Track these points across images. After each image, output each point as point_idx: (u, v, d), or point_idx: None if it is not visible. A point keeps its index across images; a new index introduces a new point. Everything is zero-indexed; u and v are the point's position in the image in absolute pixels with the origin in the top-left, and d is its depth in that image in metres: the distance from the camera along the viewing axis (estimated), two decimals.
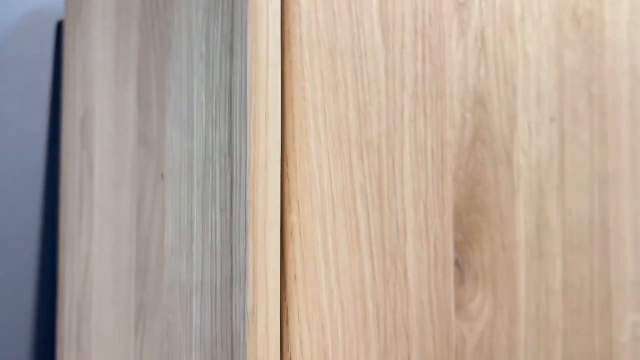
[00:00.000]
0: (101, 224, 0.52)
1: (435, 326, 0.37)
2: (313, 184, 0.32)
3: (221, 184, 0.32)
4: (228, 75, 0.32)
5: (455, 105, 0.38)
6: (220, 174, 0.32)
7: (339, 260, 0.33)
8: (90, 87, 0.57)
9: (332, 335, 0.32)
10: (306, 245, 0.31)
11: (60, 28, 0.69)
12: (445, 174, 0.38)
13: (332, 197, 0.32)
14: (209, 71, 0.34)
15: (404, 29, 0.36)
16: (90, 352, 0.54)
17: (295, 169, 0.31)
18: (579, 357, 0.46)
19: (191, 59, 0.36)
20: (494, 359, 0.40)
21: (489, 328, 0.40)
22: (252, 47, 0.31)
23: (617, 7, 0.50)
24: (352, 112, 0.33)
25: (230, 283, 0.31)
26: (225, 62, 0.32)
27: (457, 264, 0.38)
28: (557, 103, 0.45)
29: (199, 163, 0.34)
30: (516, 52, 0.42)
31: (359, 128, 0.34)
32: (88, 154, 0.57)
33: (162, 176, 0.40)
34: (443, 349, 0.37)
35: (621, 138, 0.51)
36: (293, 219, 0.31)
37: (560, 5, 0.46)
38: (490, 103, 0.40)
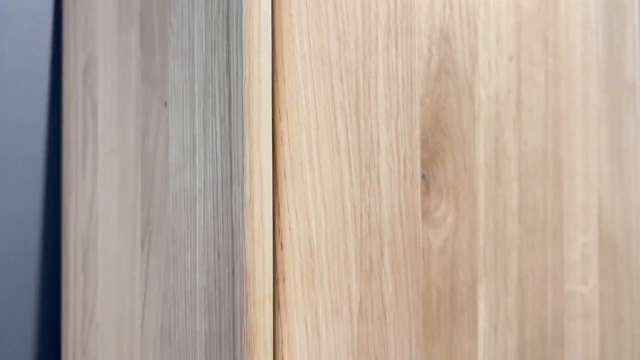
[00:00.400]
0: (106, 160, 0.57)
1: (404, 228, 0.43)
2: (299, 98, 0.37)
3: (220, 99, 0.37)
4: (225, 6, 0.37)
5: (422, 39, 0.44)
6: (220, 90, 0.38)
7: (322, 165, 0.38)
8: (92, 37, 0.62)
9: (316, 227, 0.38)
10: (293, 149, 0.37)
11: None
12: (413, 98, 0.43)
13: (316, 111, 0.38)
14: (208, 4, 0.39)
15: None
16: (97, 277, 0.60)
17: (284, 84, 0.37)
18: (532, 270, 0.53)
19: None
20: (456, 263, 0.46)
21: (451, 235, 0.46)
22: None
23: None
24: (333, 39, 0.39)
25: (230, 181, 0.37)
26: None
27: (424, 177, 0.44)
28: (515, 44, 0.51)
29: (200, 84, 0.40)
30: None
31: (338, 53, 0.39)
32: (91, 99, 0.62)
33: (165, 104, 0.45)
34: (411, 249, 0.43)
35: (574, 81, 0.58)
36: (282, 127, 0.37)
37: None
38: (454, 40, 0.46)
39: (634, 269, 0.63)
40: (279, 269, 0.36)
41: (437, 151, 0.45)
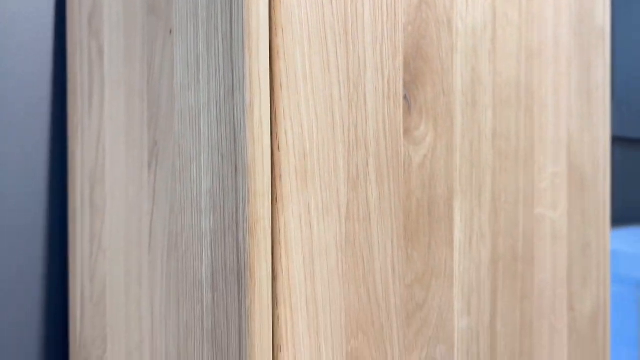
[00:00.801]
0: (112, 96, 0.62)
1: (387, 143, 0.47)
2: (293, 17, 0.42)
3: (222, 18, 0.42)
4: None
5: None
6: (222, 11, 0.42)
7: (314, 79, 0.43)
8: None
9: (308, 134, 0.43)
10: (289, 63, 0.42)
11: None
12: (397, 25, 0.48)
13: (309, 29, 0.42)
14: None
15: None
16: (104, 208, 0.64)
17: (280, 3, 0.41)
18: (505, 192, 0.58)
19: None
20: (434, 178, 0.51)
21: (430, 153, 0.51)
22: None
23: None
24: None
25: (232, 91, 0.41)
26: None
27: (406, 98, 0.49)
28: None
29: (203, 8, 0.44)
30: None
31: None
32: (97, 42, 0.66)
33: (170, 31, 0.49)
34: (393, 162, 0.48)
35: (546, 23, 0.62)
36: (278, 41, 0.41)
37: None
38: None
39: (600, 200, 0.69)
40: (276, 168, 0.41)
41: (418, 75, 0.50)
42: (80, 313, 0.72)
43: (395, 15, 0.48)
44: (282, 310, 0.41)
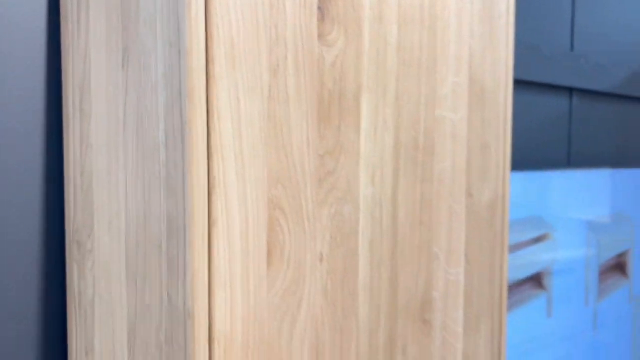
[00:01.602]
0: (95, 19, 0.75)
1: (303, 43, 0.61)
2: None
3: None
4: None
5: None
6: None
7: None
8: None
9: (236, 28, 0.57)
10: None
11: None
12: None
13: None
14: None
15: None
16: (91, 110, 0.78)
17: None
18: (408, 93, 0.72)
19: None
20: (344, 76, 0.66)
21: (341, 54, 0.65)
22: None
23: None
24: None
25: None
26: None
27: (320, 9, 0.63)
28: None
29: None
30: None
31: None
32: None
33: None
34: (309, 59, 0.62)
35: None
36: None
37: None
38: None
39: (501, 111, 0.83)
40: (210, 53, 0.55)
41: None
42: (74, 204, 0.87)
43: None
44: (215, 160, 0.56)
